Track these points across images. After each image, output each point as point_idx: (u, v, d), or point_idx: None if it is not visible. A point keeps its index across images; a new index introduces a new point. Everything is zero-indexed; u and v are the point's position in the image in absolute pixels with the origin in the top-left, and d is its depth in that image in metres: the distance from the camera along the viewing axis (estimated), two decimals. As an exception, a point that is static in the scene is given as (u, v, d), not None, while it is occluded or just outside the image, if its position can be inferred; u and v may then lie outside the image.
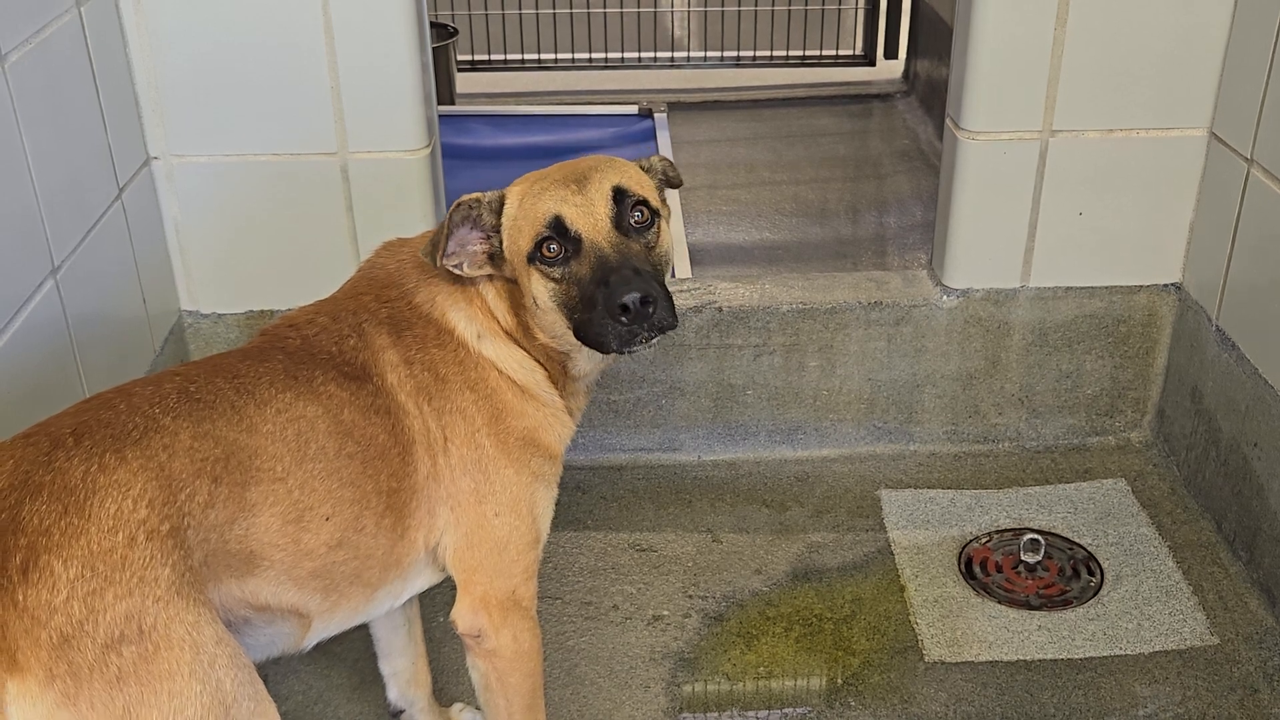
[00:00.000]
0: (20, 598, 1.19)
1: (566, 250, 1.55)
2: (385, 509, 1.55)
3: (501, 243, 1.61)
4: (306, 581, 1.50)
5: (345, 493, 1.50)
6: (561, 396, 1.70)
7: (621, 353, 1.55)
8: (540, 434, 1.68)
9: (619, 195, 1.56)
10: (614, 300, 1.48)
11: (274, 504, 1.44)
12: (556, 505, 1.73)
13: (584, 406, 1.77)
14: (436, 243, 1.59)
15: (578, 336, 1.57)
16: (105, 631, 1.21)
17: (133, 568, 1.25)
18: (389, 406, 1.57)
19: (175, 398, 1.42)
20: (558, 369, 1.69)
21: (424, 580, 1.67)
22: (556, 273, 1.55)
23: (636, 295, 1.47)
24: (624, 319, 1.49)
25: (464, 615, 1.66)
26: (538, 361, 1.67)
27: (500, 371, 1.65)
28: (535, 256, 1.56)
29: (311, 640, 1.59)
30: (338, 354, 1.58)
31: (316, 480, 1.48)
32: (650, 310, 1.48)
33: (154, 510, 1.30)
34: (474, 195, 1.61)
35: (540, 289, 1.57)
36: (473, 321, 1.65)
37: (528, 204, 1.58)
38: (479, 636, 1.68)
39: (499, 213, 1.61)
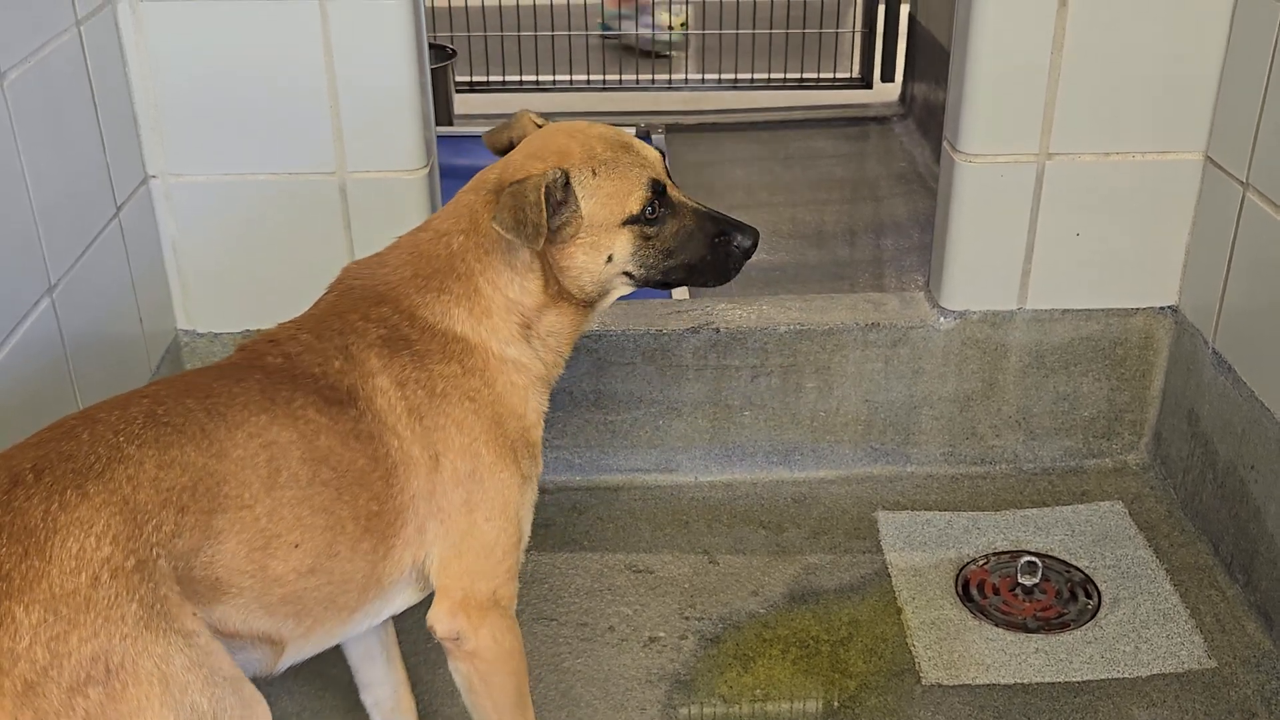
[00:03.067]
0: None
1: (663, 211, 1.70)
2: (363, 533, 1.53)
3: (580, 215, 1.66)
4: (277, 608, 1.48)
5: (317, 520, 1.48)
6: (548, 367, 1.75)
7: (725, 282, 1.82)
8: (532, 431, 1.70)
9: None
10: (745, 245, 1.76)
11: (240, 531, 1.41)
12: (552, 526, 1.74)
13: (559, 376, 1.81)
14: (524, 221, 1.57)
15: (677, 275, 1.74)
16: (70, 675, 1.19)
17: (97, 608, 1.22)
18: (373, 431, 1.54)
19: (141, 423, 1.39)
20: (575, 323, 1.74)
21: (404, 599, 1.66)
22: (652, 230, 1.70)
23: (751, 240, 1.78)
24: (746, 258, 1.78)
25: (441, 619, 1.64)
26: (536, 352, 1.71)
27: (522, 368, 1.67)
28: (638, 219, 1.68)
29: (284, 664, 1.57)
30: (321, 376, 1.55)
31: (285, 508, 1.45)
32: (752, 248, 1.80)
33: (118, 546, 1.27)
34: (547, 175, 1.61)
35: (626, 247, 1.69)
36: (495, 333, 1.66)
37: (614, 174, 1.67)
38: (458, 639, 1.65)
39: (566, 187, 1.64)
